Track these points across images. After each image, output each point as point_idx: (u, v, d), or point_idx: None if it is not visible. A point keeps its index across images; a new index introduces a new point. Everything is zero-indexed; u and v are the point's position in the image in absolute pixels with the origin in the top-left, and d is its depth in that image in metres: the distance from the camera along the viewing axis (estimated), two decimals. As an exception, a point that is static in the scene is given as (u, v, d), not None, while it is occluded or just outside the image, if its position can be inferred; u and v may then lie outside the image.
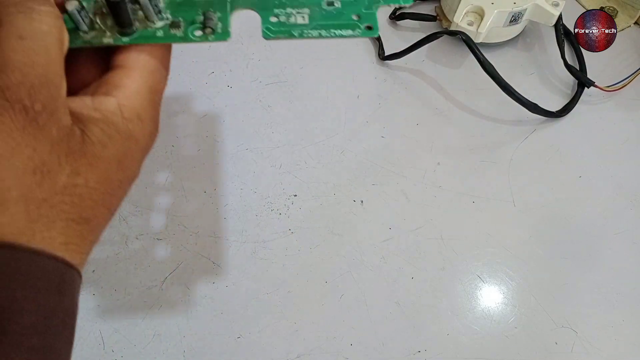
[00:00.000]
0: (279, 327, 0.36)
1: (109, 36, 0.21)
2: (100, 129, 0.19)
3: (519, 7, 0.44)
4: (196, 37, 0.22)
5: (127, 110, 0.20)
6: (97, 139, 0.19)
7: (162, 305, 0.36)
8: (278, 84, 0.47)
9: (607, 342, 0.35)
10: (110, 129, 0.19)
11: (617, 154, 0.43)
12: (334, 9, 0.23)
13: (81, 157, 0.18)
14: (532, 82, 0.47)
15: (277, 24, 0.23)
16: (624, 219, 0.40)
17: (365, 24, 0.23)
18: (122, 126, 0.19)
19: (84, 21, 0.21)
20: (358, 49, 0.49)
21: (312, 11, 0.23)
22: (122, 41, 0.21)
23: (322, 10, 0.23)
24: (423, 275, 0.38)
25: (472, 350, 0.35)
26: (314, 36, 0.23)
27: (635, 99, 0.46)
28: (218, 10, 0.22)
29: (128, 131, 0.20)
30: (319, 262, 0.38)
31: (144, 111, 0.20)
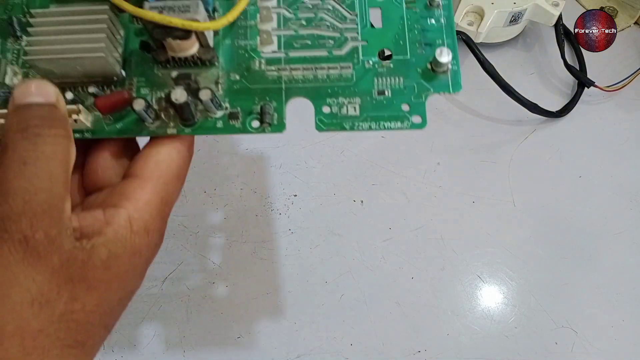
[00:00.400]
0: (279, 327, 0.36)
1: (172, 127, 0.22)
2: (108, 249, 0.19)
3: (519, 7, 0.44)
4: (253, 129, 0.23)
5: (136, 224, 0.19)
6: (101, 262, 0.18)
7: (162, 305, 0.36)
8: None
9: (607, 342, 0.35)
10: (118, 246, 0.19)
11: (617, 154, 0.43)
12: (384, 98, 0.23)
13: (81, 282, 0.18)
14: (532, 82, 0.47)
15: (330, 115, 0.23)
16: (624, 219, 0.40)
17: (414, 114, 0.23)
18: (130, 241, 0.19)
19: (149, 116, 0.22)
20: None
21: (363, 101, 0.23)
22: (184, 132, 0.22)
23: (373, 99, 0.23)
24: (423, 275, 0.38)
25: (472, 350, 0.35)
26: (364, 129, 0.23)
27: (635, 99, 0.46)
28: (274, 99, 0.23)
29: (134, 246, 0.19)
30: (319, 262, 0.38)
31: (152, 224, 0.20)
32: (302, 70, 0.24)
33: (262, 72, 0.23)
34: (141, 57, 0.23)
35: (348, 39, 0.24)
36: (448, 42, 0.24)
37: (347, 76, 0.24)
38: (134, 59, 0.23)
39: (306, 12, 0.24)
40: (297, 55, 0.24)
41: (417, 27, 0.24)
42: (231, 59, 0.23)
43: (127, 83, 0.23)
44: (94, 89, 0.23)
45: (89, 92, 0.23)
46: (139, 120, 0.22)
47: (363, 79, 0.24)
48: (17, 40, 0.24)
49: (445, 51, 0.23)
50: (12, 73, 0.24)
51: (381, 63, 0.24)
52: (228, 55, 0.24)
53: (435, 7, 0.24)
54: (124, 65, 0.23)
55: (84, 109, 0.22)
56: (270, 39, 0.24)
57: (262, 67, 0.23)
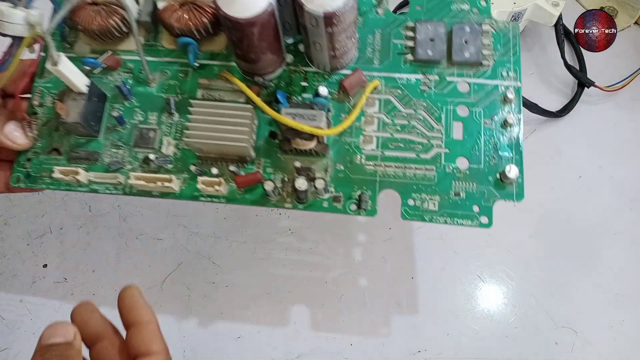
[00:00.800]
0: (279, 327, 0.36)
1: (289, 202, 0.28)
2: None
3: (519, 7, 0.44)
4: (351, 211, 0.28)
5: None
6: None
7: (162, 305, 0.36)
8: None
9: (607, 342, 0.35)
10: None
11: (617, 154, 0.43)
12: (459, 199, 0.28)
13: None
14: (532, 82, 0.47)
15: (413, 207, 0.28)
16: (624, 219, 0.40)
17: (482, 215, 0.28)
18: None
19: (273, 193, 0.28)
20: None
21: (442, 199, 0.28)
22: (298, 207, 0.28)
23: (450, 199, 0.28)
24: (423, 275, 0.38)
25: (472, 350, 0.35)
26: (440, 222, 0.28)
27: (635, 99, 0.46)
28: (369, 189, 0.28)
29: None
30: (319, 262, 0.38)
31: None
32: (394, 167, 0.29)
33: (362, 165, 0.29)
34: (269, 143, 0.29)
35: (433, 145, 0.29)
36: (516, 158, 0.29)
37: (430, 177, 0.28)
38: (263, 144, 0.29)
39: (401, 120, 0.29)
40: (390, 155, 0.29)
41: (491, 142, 0.29)
42: (338, 153, 0.29)
43: (256, 163, 0.29)
44: (233, 167, 0.28)
45: (229, 169, 0.28)
46: (265, 195, 0.28)
47: (443, 181, 0.28)
48: (170, 115, 0.29)
49: (514, 168, 0.28)
50: (167, 143, 0.29)
51: (459, 169, 0.28)
52: (336, 149, 0.29)
53: (508, 127, 0.29)
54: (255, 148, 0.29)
55: (223, 182, 0.28)
56: (370, 139, 0.29)
57: (362, 162, 0.29)
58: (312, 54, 0.29)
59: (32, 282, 0.37)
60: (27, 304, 0.36)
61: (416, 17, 0.31)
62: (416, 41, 0.30)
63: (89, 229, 0.39)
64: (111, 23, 0.29)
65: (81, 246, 0.38)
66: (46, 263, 0.38)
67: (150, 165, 0.29)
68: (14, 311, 0.36)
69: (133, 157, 0.29)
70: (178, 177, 0.28)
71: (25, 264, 0.37)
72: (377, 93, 0.30)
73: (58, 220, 0.39)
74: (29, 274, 0.37)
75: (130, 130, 0.30)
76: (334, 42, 0.27)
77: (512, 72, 0.30)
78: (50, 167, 0.29)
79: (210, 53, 0.30)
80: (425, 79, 0.30)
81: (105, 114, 0.30)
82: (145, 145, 0.29)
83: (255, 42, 0.26)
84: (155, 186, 0.28)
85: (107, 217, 0.39)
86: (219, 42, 0.30)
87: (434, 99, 0.30)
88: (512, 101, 0.29)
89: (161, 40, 0.31)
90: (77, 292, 0.37)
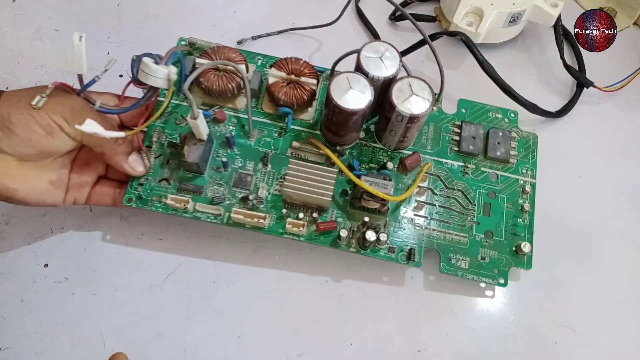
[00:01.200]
0: (279, 327, 0.36)
1: (353, 247, 0.35)
2: None
3: (518, 7, 0.44)
4: (402, 261, 0.35)
5: None
6: None
7: (163, 304, 0.36)
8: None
9: (606, 342, 0.35)
10: None
11: (617, 154, 0.43)
12: (484, 262, 0.36)
13: None
14: (532, 82, 0.47)
15: (450, 264, 0.35)
16: (624, 219, 0.40)
17: (500, 277, 0.35)
18: None
19: (344, 239, 0.35)
20: (358, 50, 0.49)
21: (472, 260, 0.36)
22: (361, 252, 0.35)
23: (477, 261, 0.36)
24: (423, 275, 0.38)
25: (472, 350, 0.35)
26: (469, 278, 0.35)
27: (634, 99, 0.46)
28: (417, 245, 0.35)
29: None
30: (319, 262, 0.38)
31: None
32: (437, 231, 0.36)
33: (413, 226, 0.36)
34: (341, 198, 0.36)
35: (468, 218, 0.37)
36: (528, 237, 0.37)
37: (463, 242, 0.36)
38: (336, 198, 0.36)
39: (444, 195, 0.37)
40: (435, 221, 0.36)
41: (511, 221, 0.37)
42: (395, 214, 0.36)
43: (330, 212, 0.36)
44: (316, 214, 0.35)
45: (312, 215, 0.35)
46: (336, 239, 0.35)
47: (473, 247, 0.36)
48: (265, 166, 0.36)
49: (527, 245, 0.36)
50: (261, 187, 0.36)
51: (486, 239, 0.36)
52: (394, 210, 0.37)
53: (524, 212, 0.37)
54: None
55: (306, 225, 0.35)
56: (421, 206, 0.37)
57: (413, 223, 0.36)
58: (383, 136, 0.37)
59: (33, 282, 0.37)
60: (28, 304, 0.36)
61: (462, 118, 0.40)
62: (461, 137, 0.39)
63: (90, 228, 0.39)
64: (229, 87, 0.36)
65: (82, 246, 0.38)
66: (47, 263, 0.38)
67: (247, 203, 0.35)
68: (15, 311, 0.36)
69: (231, 194, 0.36)
70: (268, 216, 0.35)
71: (26, 263, 0.38)
72: (428, 172, 0.38)
73: (59, 220, 0.39)
74: (29, 273, 0.37)
75: (231, 173, 0.36)
76: (407, 132, 0.35)
77: (530, 170, 0.38)
78: (160, 193, 0.36)
79: (300, 121, 0.38)
80: (465, 166, 0.38)
81: (211, 157, 0.36)
82: (242, 187, 0.36)
83: (349, 124, 0.34)
84: (251, 221, 0.34)
85: (108, 217, 0.39)
86: (309, 113, 0.39)
87: (470, 183, 0.38)
88: (529, 193, 0.38)
89: (262, 104, 0.39)
90: (78, 291, 0.37)
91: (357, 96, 0.33)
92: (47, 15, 0.50)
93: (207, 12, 0.51)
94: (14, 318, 0.36)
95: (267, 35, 0.49)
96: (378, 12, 0.46)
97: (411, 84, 0.33)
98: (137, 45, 0.48)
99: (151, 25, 0.49)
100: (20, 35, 0.48)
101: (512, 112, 0.41)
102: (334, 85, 0.33)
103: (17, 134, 0.30)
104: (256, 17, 0.50)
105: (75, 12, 0.50)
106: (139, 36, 0.49)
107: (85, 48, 0.31)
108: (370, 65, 0.34)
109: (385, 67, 0.34)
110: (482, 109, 0.41)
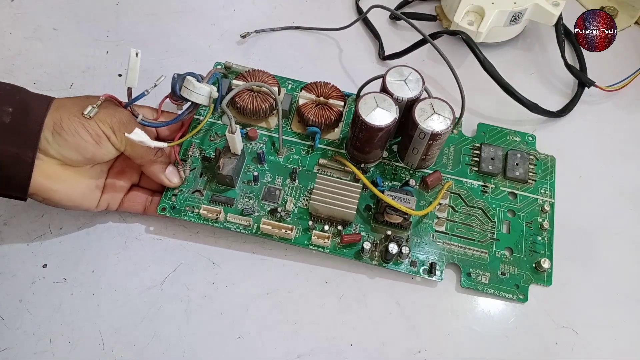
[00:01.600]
0: (279, 327, 0.36)
1: (376, 259, 0.37)
2: None
3: (520, 6, 0.44)
4: (423, 274, 0.36)
5: None
6: None
7: (162, 305, 0.36)
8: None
9: (607, 342, 0.35)
10: None
11: (617, 154, 0.43)
12: (504, 277, 0.37)
13: None
14: (533, 81, 0.47)
15: (470, 279, 0.37)
16: (624, 219, 0.40)
17: (520, 292, 0.36)
18: None
19: (367, 252, 0.36)
20: (358, 49, 0.49)
21: (492, 275, 0.37)
22: (383, 265, 0.36)
23: (498, 277, 0.37)
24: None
25: (472, 350, 0.35)
26: (489, 294, 0.36)
27: (635, 99, 0.46)
28: (438, 260, 0.37)
29: None
30: (319, 262, 0.38)
31: None
32: (458, 247, 0.37)
33: (434, 242, 0.37)
34: (364, 212, 0.38)
35: (488, 235, 0.38)
36: (548, 254, 0.37)
37: (484, 258, 0.37)
38: (360, 213, 0.38)
39: (465, 212, 0.39)
40: (455, 237, 0.38)
41: (530, 238, 0.38)
42: (417, 228, 0.38)
43: (354, 225, 0.37)
44: (340, 227, 0.37)
45: (337, 228, 0.37)
46: (359, 251, 0.36)
47: (493, 262, 0.37)
48: (293, 181, 0.39)
49: (547, 261, 0.36)
50: (289, 201, 0.38)
51: (506, 255, 0.37)
52: (415, 225, 0.38)
53: (544, 230, 0.38)
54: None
55: (330, 237, 0.36)
56: (442, 222, 0.38)
57: (434, 238, 0.38)
58: (406, 154, 0.39)
59: (31, 282, 0.37)
60: (27, 304, 0.36)
61: (481, 140, 0.42)
62: (480, 158, 0.40)
63: (89, 229, 0.39)
64: (262, 107, 0.39)
65: (81, 246, 0.38)
66: (46, 263, 0.37)
67: (275, 215, 0.37)
68: (14, 311, 0.36)
69: (260, 207, 0.38)
70: (295, 228, 0.37)
71: (24, 264, 0.37)
72: (449, 190, 0.39)
73: (58, 220, 0.39)
74: (28, 274, 0.37)
75: (260, 187, 0.39)
76: (429, 150, 0.37)
77: (548, 191, 0.40)
78: (193, 204, 0.38)
79: (327, 140, 0.41)
80: (485, 186, 0.40)
81: (242, 171, 0.39)
82: (271, 200, 0.38)
83: (374, 141, 0.36)
84: (278, 232, 0.36)
85: (106, 218, 0.39)
86: (335, 133, 0.41)
87: (490, 201, 0.39)
88: (547, 212, 0.39)
89: (291, 124, 0.41)
90: (77, 292, 0.36)
91: (383, 114, 0.35)
92: (46, 15, 0.49)
93: (207, 11, 0.51)
94: (12, 318, 0.35)
95: (271, 30, 0.49)
96: (379, 11, 0.46)
97: (433, 104, 0.36)
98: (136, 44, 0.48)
99: (150, 24, 0.49)
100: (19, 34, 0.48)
101: (529, 136, 0.42)
102: (361, 103, 0.35)
103: (66, 139, 0.32)
104: (256, 16, 0.50)
105: (74, 11, 0.50)
106: (137, 35, 0.49)
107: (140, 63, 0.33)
108: (394, 87, 0.36)
109: (409, 90, 0.36)
110: (500, 132, 0.42)
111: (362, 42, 0.49)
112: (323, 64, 0.48)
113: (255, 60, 0.48)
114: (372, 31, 0.49)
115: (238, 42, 0.49)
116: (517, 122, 0.44)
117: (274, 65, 0.46)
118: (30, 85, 0.46)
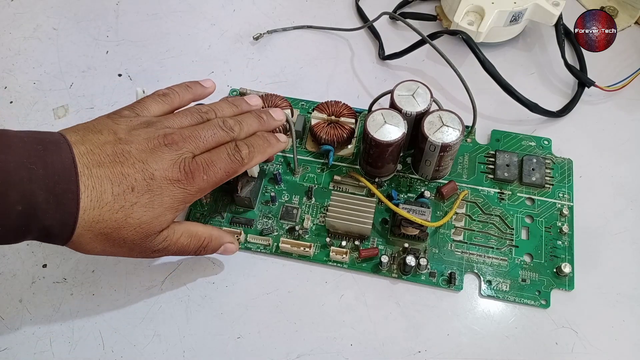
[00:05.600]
0: (279, 327, 0.36)
1: (395, 271, 0.37)
2: None
3: (520, 6, 0.44)
4: (442, 285, 0.36)
5: None
6: None
7: (162, 305, 0.36)
8: (278, 83, 0.46)
9: (607, 342, 0.35)
10: None
11: (617, 154, 0.43)
12: (525, 284, 0.36)
13: None
14: (533, 81, 0.47)
15: (490, 287, 0.36)
16: (624, 219, 0.40)
17: (542, 298, 0.36)
18: None
19: (385, 265, 0.37)
20: (358, 49, 0.49)
21: (512, 282, 0.36)
22: (402, 278, 0.37)
23: (518, 283, 0.36)
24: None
25: (472, 350, 0.35)
26: (510, 301, 0.36)
27: (635, 98, 0.46)
28: (457, 270, 0.37)
29: None
30: (318, 263, 0.38)
31: None
32: (476, 255, 0.37)
33: (452, 251, 0.38)
34: (381, 226, 0.38)
35: (506, 242, 0.38)
36: (569, 258, 0.37)
37: (503, 265, 0.37)
38: (377, 227, 0.38)
39: (482, 220, 0.39)
40: (474, 245, 0.38)
41: (550, 243, 0.38)
42: (434, 239, 0.38)
43: (371, 240, 0.38)
44: (357, 242, 0.37)
45: (355, 243, 0.37)
46: (377, 265, 0.37)
47: (513, 270, 0.37)
48: (309, 199, 0.40)
49: (568, 266, 0.36)
50: (306, 219, 0.38)
51: (526, 262, 0.37)
52: (433, 236, 0.38)
53: (563, 234, 0.38)
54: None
55: (348, 252, 0.37)
56: (459, 232, 0.38)
57: (452, 248, 0.38)
58: (419, 166, 0.39)
59: (31, 282, 0.37)
60: (27, 304, 0.36)
61: (495, 147, 0.42)
62: (495, 165, 0.40)
63: (89, 228, 0.38)
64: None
65: (81, 246, 0.38)
66: (45, 263, 0.37)
67: (293, 234, 0.38)
68: (14, 311, 0.36)
69: (279, 226, 0.39)
70: (313, 245, 0.37)
71: (24, 264, 0.37)
72: (465, 199, 0.39)
73: (58, 220, 0.39)
74: (28, 274, 0.37)
75: (278, 207, 0.39)
76: (441, 161, 0.37)
77: (566, 194, 0.40)
78: (215, 225, 0.39)
79: (341, 157, 0.41)
80: (502, 193, 0.40)
81: (260, 192, 0.40)
82: (289, 219, 0.39)
83: (386, 156, 0.37)
84: (297, 250, 0.37)
85: (106, 217, 0.39)
86: (349, 150, 0.42)
87: (507, 208, 0.39)
88: (567, 216, 0.39)
89: (305, 144, 0.42)
90: (77, 292, 0.36)
91: (392, 129, 0.36)
92: (46, 15, 0.49)
93: (206, 10, 0.51)
94: (12, 318, 0.35)
95: (283, 30, 0.49)
96: (378, 11, 0.46)
97: (441, 116, 0.36)
98: (135, 44, 0.48)
99: (150, 24, 0.49)
100: (19, 34, 0.48)
101: (545, 140, 0.42)
102: (369, 121, 0.36)
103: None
104: (256, 16, 0.50)
105: (74, 11, 0.50)
106: (137, 35, 0.49)
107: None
108: (403, 102, 0.37)
109: (418, 104, 0.37)
110: (514, 138, 0.42)
111: (361, 42, 0.49)
112: (323, 64, 0.47)
113: (255, 60, 0.47)
114: (372, 31, 0.49)
115: (238, 42, 0.49)
116: (517, 121, 0.44)
117: (274, 65, 0.46)
118: (30, 85, 0.46)
